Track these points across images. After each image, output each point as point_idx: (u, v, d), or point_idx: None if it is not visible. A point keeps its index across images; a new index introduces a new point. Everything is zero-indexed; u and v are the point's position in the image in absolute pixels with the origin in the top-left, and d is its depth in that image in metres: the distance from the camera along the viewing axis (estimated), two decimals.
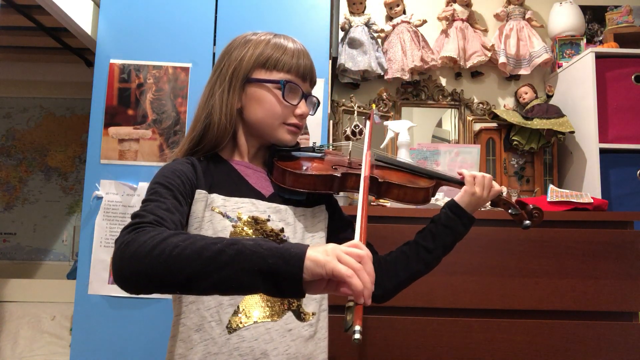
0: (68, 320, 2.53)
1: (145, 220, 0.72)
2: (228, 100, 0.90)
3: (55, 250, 2.88)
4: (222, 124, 0.89)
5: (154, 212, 0.74)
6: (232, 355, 0.82)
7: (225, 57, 0.94)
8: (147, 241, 0.66)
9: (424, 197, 0.97)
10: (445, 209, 1.01)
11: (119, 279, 0.67)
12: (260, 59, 0.90)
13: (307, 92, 0.95)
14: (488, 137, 2.25)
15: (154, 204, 0.77)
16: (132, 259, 0.66)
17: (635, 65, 2.09)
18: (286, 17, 1.86)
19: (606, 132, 2.04)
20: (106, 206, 1.76)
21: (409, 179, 0.98)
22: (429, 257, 0.98)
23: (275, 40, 0.92)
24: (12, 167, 2.95)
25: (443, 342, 1.49)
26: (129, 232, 0.69)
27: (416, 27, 2.35)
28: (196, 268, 0.63)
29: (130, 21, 1.84)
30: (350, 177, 0.93)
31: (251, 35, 0.94)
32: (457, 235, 1.00)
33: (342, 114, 2.23)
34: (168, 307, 1.72)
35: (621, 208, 2.00)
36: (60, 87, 2.99)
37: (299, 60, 0.92)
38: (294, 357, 0.85)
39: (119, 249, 0.68)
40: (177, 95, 1.81)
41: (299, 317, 0.88)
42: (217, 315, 0.83)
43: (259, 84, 0.91)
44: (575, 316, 1.52)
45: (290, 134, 0.94)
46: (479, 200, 1.00)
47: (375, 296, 0.97)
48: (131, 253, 0.66)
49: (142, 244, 0.66)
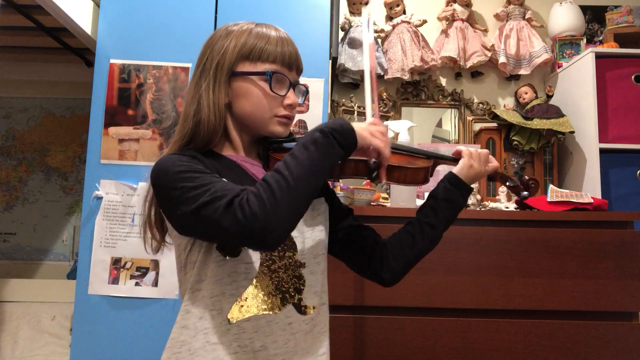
0: (68, 320, 2.53)
1: (231, 194, 0.73)
2: (215, 97, 0.87)
3: (55, 250, 2.88)
4: (211, 121, 0.87)
5: (223, 189, 0.74)
6: (231, 346, 0.81)
7: (208, 50, 0.91)
8: (264, 196, 0.71)
9: (424, 177, 0.99)
10: (444, 181, 1.01)
11: (272, 237, 0.71)
12: (244, 50, 0.88)
13: (294, 81, 0.93)
14: (488, 137, 2.25)
15: (206, 186, 0.75)
16: (276, 211, 0.70)
17: (635, 65, 2.09)
18: (286, 17, 1.86)
19: (606, 132, 2.04)
20: (106, 206, 1.76)
21: (408, 161, 0.99)
22: (433, 232, 0.98)
23: (258, 30, 0.90)
24: (12, 167, 2.95)
25: (443, 342, 1.49)
26: (239, 207, 0.71)
27: (416, 27, 2.35)
28: (312, 175, 0.76)
29: (130, 21, 1.84)
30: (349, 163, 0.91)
31: (233, 26, 0.92)
32: (456, 207, 1.00)
33: (342, 114, 2.24)
34: (168, 307, 1.72)
35: (621, 208, 2.00)
36: (60, 87, 2.99)
37: (284, 48, 0.89)
38: (293, 350, 0.85)
39: (247, 215, 0.70)
40: (177, 95, 1.81)
41: (300, 310, 0.87)
42: (219, 304, 0.82)
43: (244, 77, 0.88)
44: (575, 316, 1.52)
45: (282, 126, 0.91)
46: (477, 173, 1.01)
47: (384, 279, 1.00)
48: (270, 207, 0.70)
49: (266, 198, 0.71)
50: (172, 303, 1.72)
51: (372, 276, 1.01)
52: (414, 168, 0.96)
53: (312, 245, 0.91)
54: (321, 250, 0.94)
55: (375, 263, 0.99)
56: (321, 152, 0.77)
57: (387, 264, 0.99)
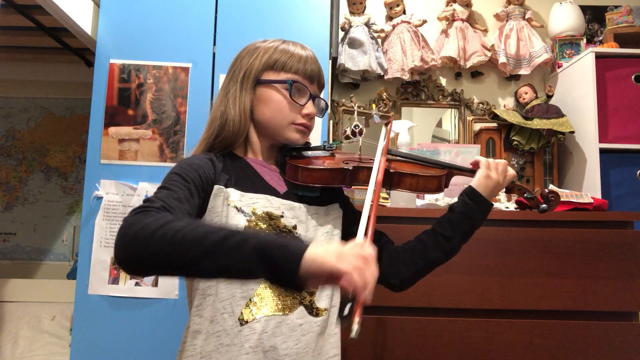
0: (68, 320, 2.53)
1: (154, 205, 0.73)
2: (241, 100, 0.94)
3: (55, 250, 2.88)
4: (236, 123, 0.93)
5: (164, 200, 0.76)
6: (243, 347, 0.83)
7: (237, 63, 0.99)
8: (151, 223, 0.68)
9: (437, 185, 0.98)
10: (463, 196, 1.00)
11: (120, 259, 0.68)
12: (269, 61, 0.95)
13: (314, 94, 0.98)
14: (488, 137, 2.26)
15: (167, 192, 0.79)
16: (135, 239, 0.67)
17: (635, 65, 2.09)
18: (286, 17, 1.86)
19: (606, 132, 2.04)
20: (106, 206, 1.76)
21: (420, 169, 1.00)
22: (448, 245, 0.98)
23: (283, 46, 0.97)
24: (12, 167, 2.95)
25: (443, 342, 1.49)
26: (135, 214, 0.71)
27: (416, 27, 2.35)
28: (199, 251, 0.65)
29: (130, 21, 1.84)
30: (361, 171, 0.95)
31: (260, 43, 0.99)
32: (475, 222, 0.99)
33: (342, 114, 2.24)
34: (168, 307, 1.72)
35: (621, 208, 2.00)
36: (60, 87, 2.99)
37: (306, 64, 0.96)
38: (303, 351, 0.86)
39: (123, 227, 0.69)
40: (177, 95, 1.81)
41: (311, 312, 0.89)
42: (230, 307, 0.84)
43: (267, 84, 0.95)
44: (575, 316, 1.52)
45: (299, 133, 0.97)
46: (496, 185, 0.99)
47: (392, 284, 1.01)
48: (134, 233, 0.67)
49: (146, 225, 0.68)
50: (172, 303, 1.72)
51: (381, 280, 1.01)
52: (426, 176, 0.97)
53: None
54: None
55: (384, 267, 0.99)
56: (235, 254, 0.64)
57: (396, 269, 0.99)
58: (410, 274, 0.99)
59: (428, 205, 1.70)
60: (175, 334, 1.67)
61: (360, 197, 1.68)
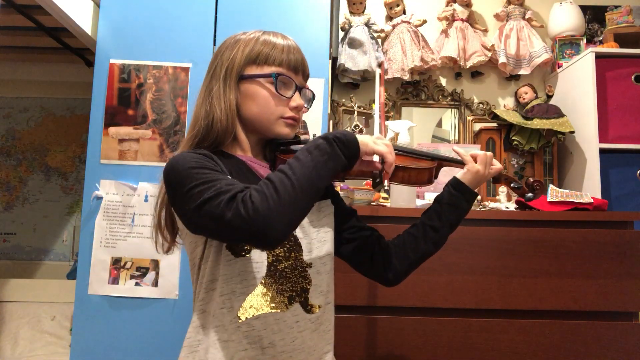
0: (68, 320, 2.53)
1: (235, 189, 0.73)
2: (225, 97, 0.90)
3: (55, 250, 2.88)
4: (223, 122, 0.90)
5: (227, 184, 0.75)
6: (242, 343, 0.83)
7: (217, 58, 0.95)
8: (267, 192, 0.71)
9: (428, 178, 1.00)
10: (448, 187, 1.03)
11: (274, 238, 0.71)
12: (251, 55, 0.91)
13: (300, 85, 0.95)
14: (488, 137, 2.26)
15: (214, 182, 0.76)
16: (280, 208, 0.71)
17: (635, 65, 2.09)
18: (286, 17, 1.87)
19: (606, 132, 2.04)
20: (106, 206, 1.76)
21: (412, 162, 1.00)
22: (437, 236, 1.01)
23: (264, 37, 0.93)
24: (12, 167, 2.95)
25: (443, 342, 1.49)
26: (242, 202, 0.70)
27: (416, 27, 2.35)
28: (316, 175, 0.76)
29: (130, 21, 1.84)
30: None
31: (240, 35, 0.95)
32: (461, 211, 1.02)
33: (342, 114, 2.24)
34: (168, 307, 1.72)
35: (621, 208, 2.00)
36: (60, 87, 2.99)
37: (289, 54, 0.92)
38: (299, 348, 0.87)
39: (252, 216, 0.69)
40: (177, 95, 1.82)
41: (306, 309, 0.89)
42: (229, 302, 0.84)
43: (251, 79, 0.91)
44: (575, 316, 1.52)
45: (289, 127, 0.94)
46: (481, 177, 1.03)
47: (386, 279, 1.02)
48: (272, 204, 0.70)
49: (271, 195, 0.71)
50: (172, 303, 1.72)
51: (375, 276, 1.04)
52: (418, 169, 0.98)
53: (318, 246, 0.93)
54: (327, 250, 0.95)
55: (378, 263, 1.02)
56: (324, 157, 0.78)
57: (389, 264, 1.01)
58: (403, 267, 1.01)
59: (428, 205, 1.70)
60: (175, 334, 1.67)
61: (360, 197, 1.68)
